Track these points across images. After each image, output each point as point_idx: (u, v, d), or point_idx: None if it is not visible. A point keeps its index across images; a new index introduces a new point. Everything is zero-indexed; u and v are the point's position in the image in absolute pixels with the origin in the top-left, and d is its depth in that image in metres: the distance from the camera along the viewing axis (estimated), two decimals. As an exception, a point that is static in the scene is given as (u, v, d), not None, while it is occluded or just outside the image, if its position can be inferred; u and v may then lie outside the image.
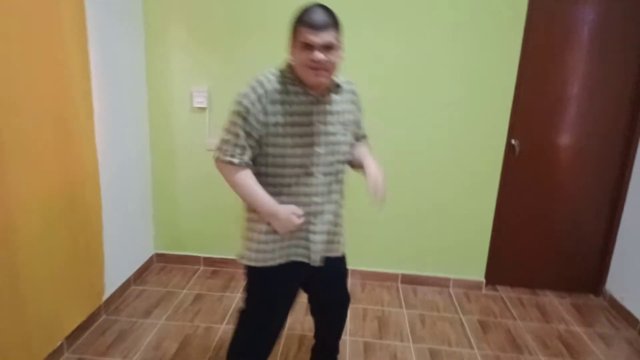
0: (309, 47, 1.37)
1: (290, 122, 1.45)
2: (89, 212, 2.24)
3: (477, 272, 3.05)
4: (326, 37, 1.36)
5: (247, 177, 1.47)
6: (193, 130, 2.95)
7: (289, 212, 1.47)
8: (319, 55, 1.36)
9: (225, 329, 2.47)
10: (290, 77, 1.46)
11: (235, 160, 1.44)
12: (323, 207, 1.56)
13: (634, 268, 2.76)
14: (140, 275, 2.96)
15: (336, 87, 1.54)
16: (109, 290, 2.56)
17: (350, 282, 3.03)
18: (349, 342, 2.40)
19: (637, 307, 2.68)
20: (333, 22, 1.38)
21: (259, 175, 1.51)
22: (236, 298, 2.79)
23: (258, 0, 2.72)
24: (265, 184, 1.50)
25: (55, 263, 2.01)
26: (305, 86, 1.46)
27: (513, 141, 2.87)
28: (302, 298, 1.84)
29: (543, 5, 2.67)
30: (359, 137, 1.73)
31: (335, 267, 1.74)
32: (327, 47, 1.37)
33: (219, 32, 2.79)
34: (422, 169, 2.90)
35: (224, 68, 2.84)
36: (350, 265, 1.89)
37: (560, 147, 2.88)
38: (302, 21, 1.37)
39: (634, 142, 2.80)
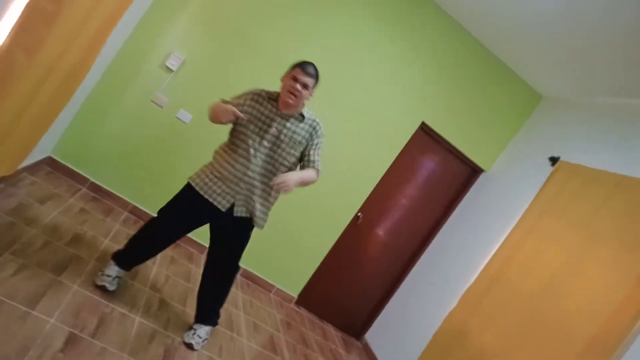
0: (295, 80, 2.25)
1: (258, 117, 2.31)
2: (63, 94, 2.55)
3: (294, 290, 4.01)
4: (307, 80, 2.26)
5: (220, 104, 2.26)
6: (151, 80, 3.41)
7: (230, 109, 2.16)
8: (298, 86, 2.24)
9: (108, 243, 2.88)
10: (275, 97, 2.35)
11: (226, 99, 2.32)
12: (254, 181, 2.32)
13: (386, 329, 4.08)
14: (32, 169, 3.12)
15: (300, 116, 2.36)
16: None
17: (204, 257, 3.67)
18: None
19: (379, 352, 3.95)
20: (316, 75, 2.31)
21: (230, 137, 2.37)
22: (116, 227, 3.19)
23: (260, 26, 3.51)
24: (229, 143, 2.36)
25: (21, 120, 2.26)
26: (279, 106, 2.32)
27: (359, 214, 4.06)
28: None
29: (413, 146, 4.05)
30: (307, 162, 2.39)
31: (239, 232, 2.43)
32: (304, 86, 2.26)
33: (222, 26, 3.44)
34: (297, 208, 3.83)
35: (208, 53, 3.46)
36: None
37: (382, 232, 4.18)
38: (300, 66, 2.28)
39: (421, 251, 4.25)
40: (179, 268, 3.24)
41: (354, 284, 4.22)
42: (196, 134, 3.54)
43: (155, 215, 2.44)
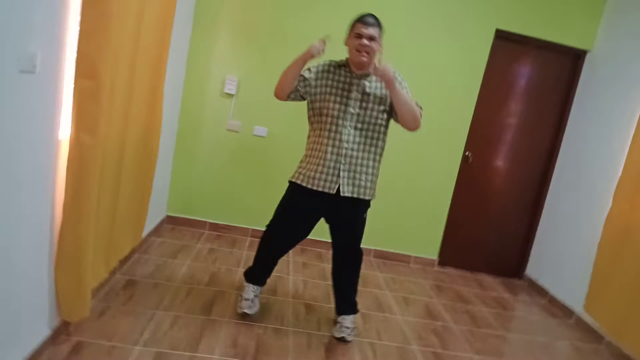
0: (359, 36, 2.11)
1: (335, 85, 2.22)
2: (147, 157, 2.72)
3: (432, 253, 3.86)
4: (372, 31, 2.10)
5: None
6: (219, 110, 3.52)
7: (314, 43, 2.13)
8: (365, 41, 2.09)
9: (242, 271, 3.00)
10: (344, 63, 2.25)
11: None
12: (353, 152, 2.23)
13: (545, 257, 3.72)
14: (156, 232, 3.41)
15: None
16: (140, 235, 3.00)
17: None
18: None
19: (547, 283, 3.62)
20: (378, 24, 2.14)
21: (312, 119, 2.30)
22: (244, 253, 3.34)
23: (293, 17, 3.43)
24: (315, 126, 2.28)
25: (123, 195, 2.45)
26: (352, 69, 2.21)
27: (467, 153, 3.76)
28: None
29: (496, 60, 3.64)
30: None
31: (353, 214, 2.34)
32: (371, 38, 2.10)
33: (257, 34, 3.44)
34: (403, 171, 3.68)
35: (255, 65, 3.47)
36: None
37: (499, 161, 3.83)
38: (359, 19, 2.14)
39: (552, 163, 3.81)
40: (312, 270, 3.29)
41: (492, 225, 3.92)
42: (278, 142, 3.58)
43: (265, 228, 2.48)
